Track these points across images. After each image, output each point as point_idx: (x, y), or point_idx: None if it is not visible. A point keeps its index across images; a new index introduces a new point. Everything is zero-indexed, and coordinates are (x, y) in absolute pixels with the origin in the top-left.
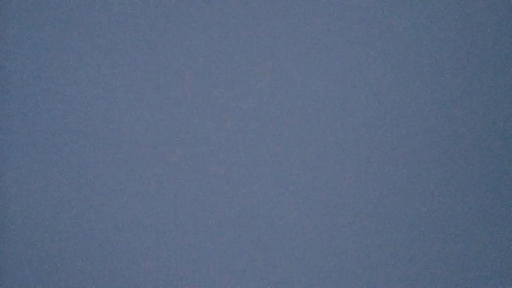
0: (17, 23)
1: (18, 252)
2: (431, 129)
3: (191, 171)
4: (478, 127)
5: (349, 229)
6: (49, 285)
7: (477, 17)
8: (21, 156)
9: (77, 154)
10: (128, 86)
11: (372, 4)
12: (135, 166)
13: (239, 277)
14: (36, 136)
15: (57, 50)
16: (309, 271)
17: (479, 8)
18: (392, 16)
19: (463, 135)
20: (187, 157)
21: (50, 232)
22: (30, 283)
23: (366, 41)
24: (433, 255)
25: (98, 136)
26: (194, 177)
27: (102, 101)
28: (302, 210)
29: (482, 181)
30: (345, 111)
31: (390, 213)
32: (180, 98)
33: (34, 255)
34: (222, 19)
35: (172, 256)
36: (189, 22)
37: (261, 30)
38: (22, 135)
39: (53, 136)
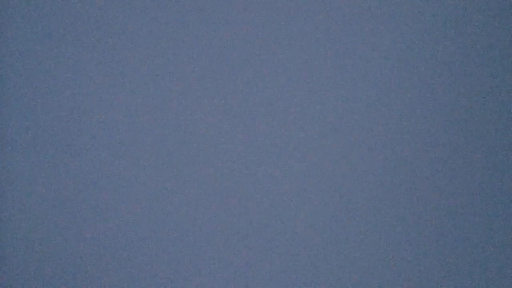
0: (17, 23)
1: (18, 252)
2: (433, 129)
3: (191, 171)
4: (478, 127)
5: (350, 229)
6: (49, 285)
7: (477, 17)
8: (21, 156)
9: (77, 154)
10: (129, 86)
11: (374, 4)
12: (135, 166)
13: (239, 277)
14: (36, 136)
15: (57, 49)
16: (309, 272)
17: (479, 8)
18: (394, 17)
19: (462, 135)
20: (188, 157)
21: (50, 232)
22: (30, 283)
23: (368, 41)
24: (434, 256)
25: (98, 136)
26: (194, 177)
27: (102, 100)
28: (303, 210)
29: (482, 181)
30: (346, 111)
31: (390, 213)
32: (180, 98)
33: (34, 255)
34: (223, 18)
35: (172, 256)
36: (190, 21)
37: (260, 29)
38: (22, 135)
39: (53, 136)
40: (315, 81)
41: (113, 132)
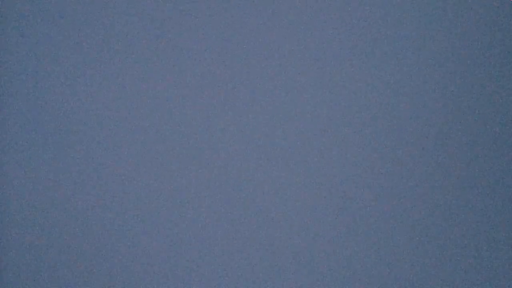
0: (17, 23)
1: (18, 252)
2: (433, 130)
3: (191, 171)
4: (478, 127)
5: (350, 230)
6: (49, 285)
7: (477, 17)
8: (21, 156)
9: (77, 154)
10: (129, 86)
11: (373, 4)
12: (135, 166)
13: (239, 278)
14: (36, 136)
15: (57, 50)
16: (309, 272)
17: (479, 8)
18: (393, 17)
19: (462, 135)
20: (188, 158)
21: (50, 232)
22: (30, 283)
23: (368, 41)
24: (435, 256)
25: (98, 136)
26: (194, 177)
27: (101, 100)
28: (303, 211)
29: (482, 182)
30: (347, 112)
31: (390, 214)
32: (180, 98)
33: (34, 255)
34: (223, 18)
35: (172, 256)
36: (190, 21)
37: (260, 29)
38: (22, 135)
39: (53, 136)
40: (314, 81)
41: (112, 132)
